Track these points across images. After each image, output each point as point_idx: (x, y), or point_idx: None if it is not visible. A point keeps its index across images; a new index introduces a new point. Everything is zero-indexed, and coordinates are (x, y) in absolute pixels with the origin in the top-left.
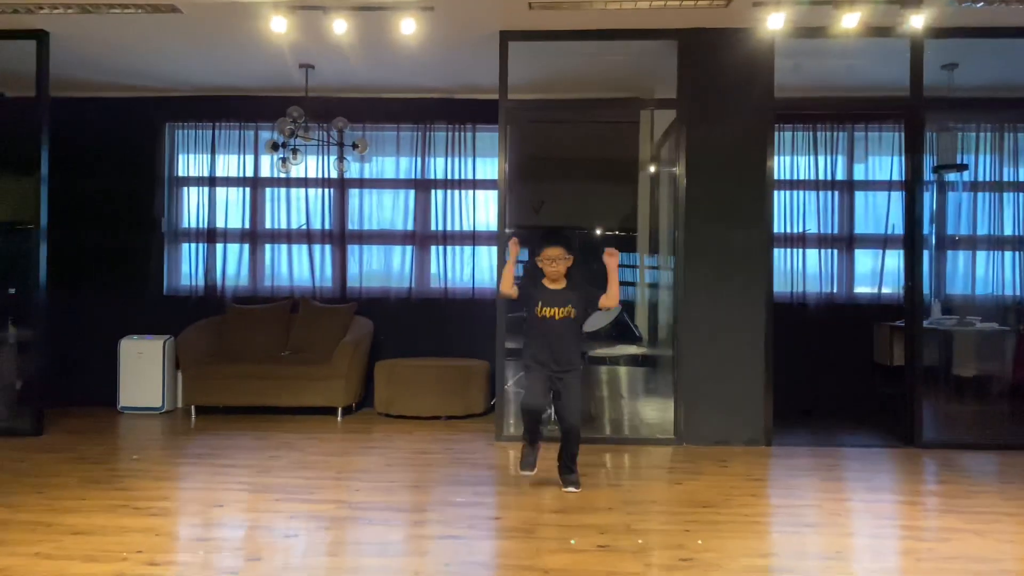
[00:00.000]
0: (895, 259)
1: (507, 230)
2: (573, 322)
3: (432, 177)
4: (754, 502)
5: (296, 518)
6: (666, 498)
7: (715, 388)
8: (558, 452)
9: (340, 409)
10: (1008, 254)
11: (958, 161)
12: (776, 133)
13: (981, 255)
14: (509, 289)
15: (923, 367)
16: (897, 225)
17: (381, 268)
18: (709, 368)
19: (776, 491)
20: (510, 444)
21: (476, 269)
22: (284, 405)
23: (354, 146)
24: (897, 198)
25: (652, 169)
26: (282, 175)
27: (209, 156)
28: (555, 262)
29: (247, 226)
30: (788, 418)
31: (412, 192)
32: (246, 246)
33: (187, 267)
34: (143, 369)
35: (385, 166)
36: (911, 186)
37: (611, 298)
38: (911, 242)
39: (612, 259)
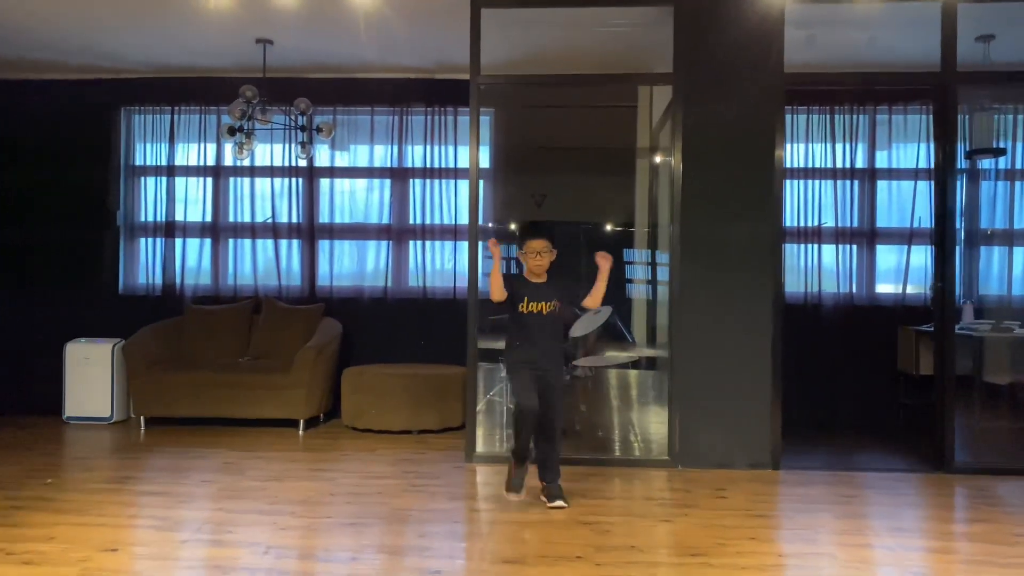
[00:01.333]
0: (921, 256)
1: (488, 224)
2: (558, 317)
3: (410, 165)
4: (754, 548)
5: (193, 568)
6: (649, 542)
7: (715, 402)
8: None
9: (301, 422)
10: None
11: (994, 145)
12: (789, 116)
13: (1019, 251)
14: (502, 295)
15: (954, 378)
16: (924, 218)
17: (354, 265)
18: (708, 379)
19: (783, 532)
20: (481, 465)
21: (459, 266)
22: (242, 417)
23: (318, 130)
24: (924, 188)
25: (650, 159)
26: (241, 163)
27: (167, 143)
28: (539, 255)
29: (209, 219)
30: (800, 434)
31: (388, 182)
32: (208, 241)
33: (144, 264)
34: (91, 375)
35: (358, 153)
36: (941, 174)
37: (595, 299)
38: (941, 237)
39: (605, 262)
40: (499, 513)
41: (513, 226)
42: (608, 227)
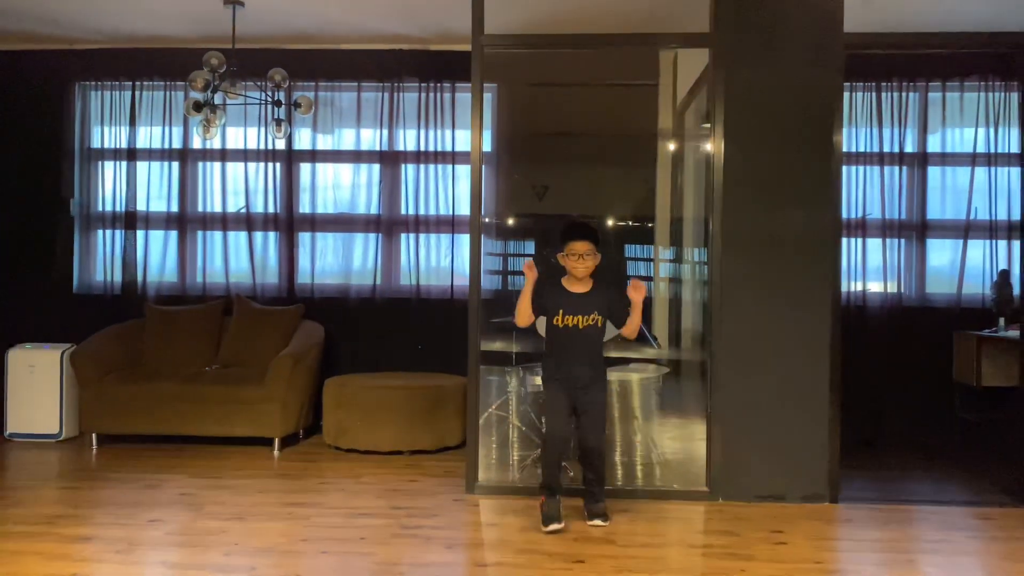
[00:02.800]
0: (979, 250)
1: (485, 219)
2: (599, 332)
3: (402, 148)
4: None
5: None
6: None
7: (762, 422)
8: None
9: (277, 441)
10: None
11: None
12: None
13: None
14: (527, 322)
15: None
16: (981, 208)
17: (338, 261)
18: (755, 397)
19: None
20: (485, 498)
21: (457, 262)
22: (209, 435)
23: (296, 105)
24: (981, 175)
25: (671, 146)
26: (210, 145)
27: (128, 123)
28: (583, 259)
29: (175, 209)
30: (846, 453)
31: (377, 167)
32: (173, 234)
33: (101, 259)
34: (37, 386)
35: (343, 135)
36: None
37: (632, 331)
38: None
39: (638, 294)
40: (511, 569)
41: (511, 221)
42: (623, 222)
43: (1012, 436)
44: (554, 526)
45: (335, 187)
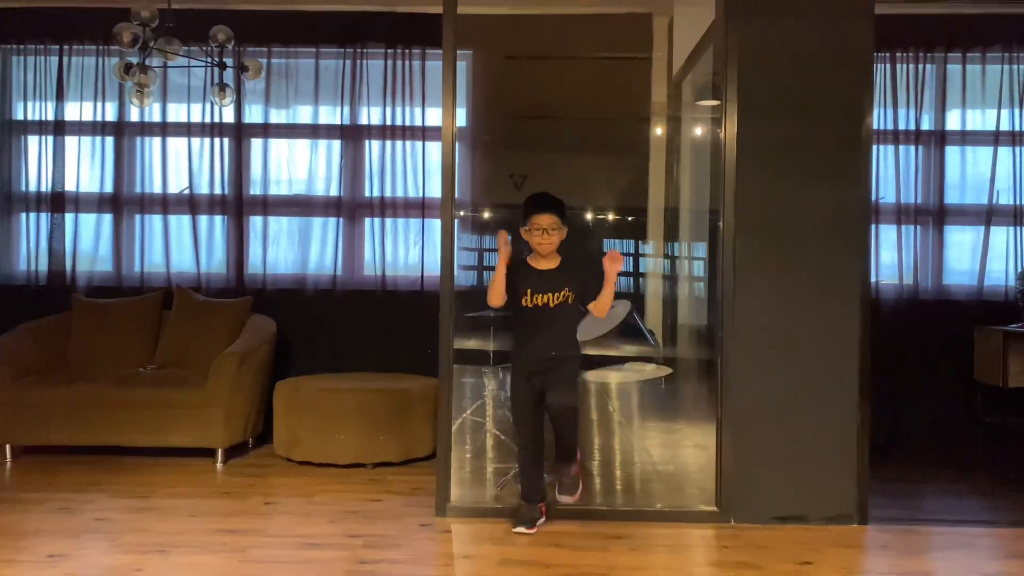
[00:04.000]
0: (1002, 238)
1: (460, 213)
2: (570, 310)
3: (366, 122)
4: None
5: None
6: None
7: (781, 433)
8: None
9: (220, 452)
10: None
11: None
12: None
13: None
14: (500, 301)
15: None
16: (1004, 192)
17: (294, 248)
18: (772, 402)
19: None
20: (458, 523)
21: (428, 250)
22: (142, 445)
23: (243, 69)
24: (1006, 155)
25: (666, 124)
26: (148, 116)
27: (55, 93)
28: (547, 233)
29: (109, 190)
30: None
31: (338, 143)
32: (107, 217)
33: (25, 245)
34: None
35: (300, 106)
36: None
37: (600, 307)
38: None
39: (614, 264)
40: None
41: (488, 214)
42: (612, 213)
43: None
44: (522, 529)
45: (290, 166)
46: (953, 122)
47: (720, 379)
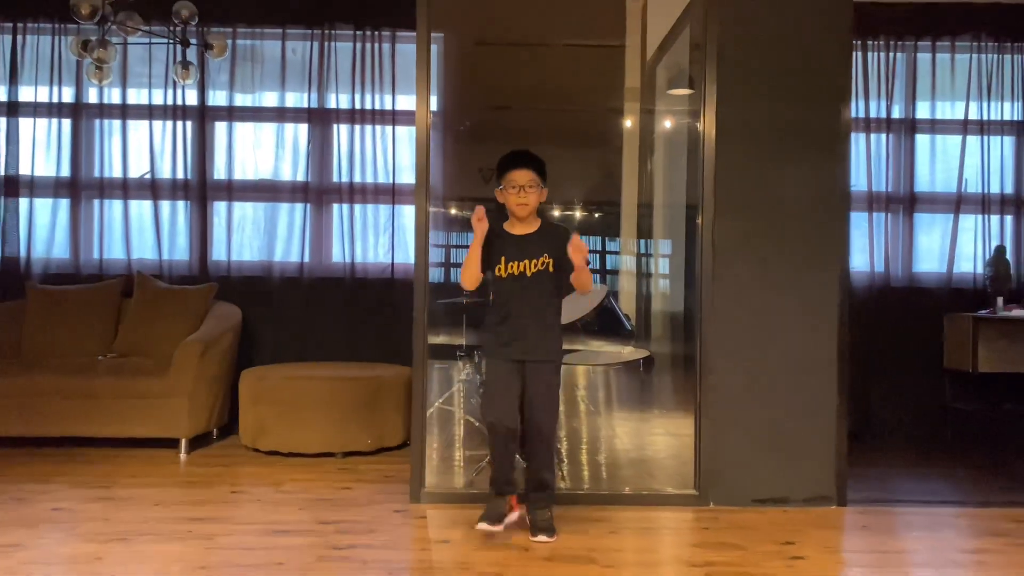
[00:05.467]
0: (971, 226)
1: (430, 208)
2: (550, 278)
3: (334, 106)
4: None
5: None
6: None
7: (760, 416)
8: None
9: (184, 442)
10: None
11: None
12: None
13: None
14: (475, 283)
15: None
16: (973, 180)
17: (259, 235)
18: (751, 385)
19: None
20: (433, 508)
21: (397, 236)
22: (101, 436)
23: (207, 47)
24: (974, 144)
25: (629, 123)
26: (107, 96)
27: (7, 72)
28: (524, 191)
29: (66, 174)
30: None
31: (304, 127)
32: (64, 202)
33: None
34: None
35: (265, 88)
36: None
37: (582, 284)
38: None
39: (579, 254)
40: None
41: (454, 211)
42: (582, 210)
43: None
44: (484, 526)
45: (256, 150)
46: (923, 111)
47: (699, 361)
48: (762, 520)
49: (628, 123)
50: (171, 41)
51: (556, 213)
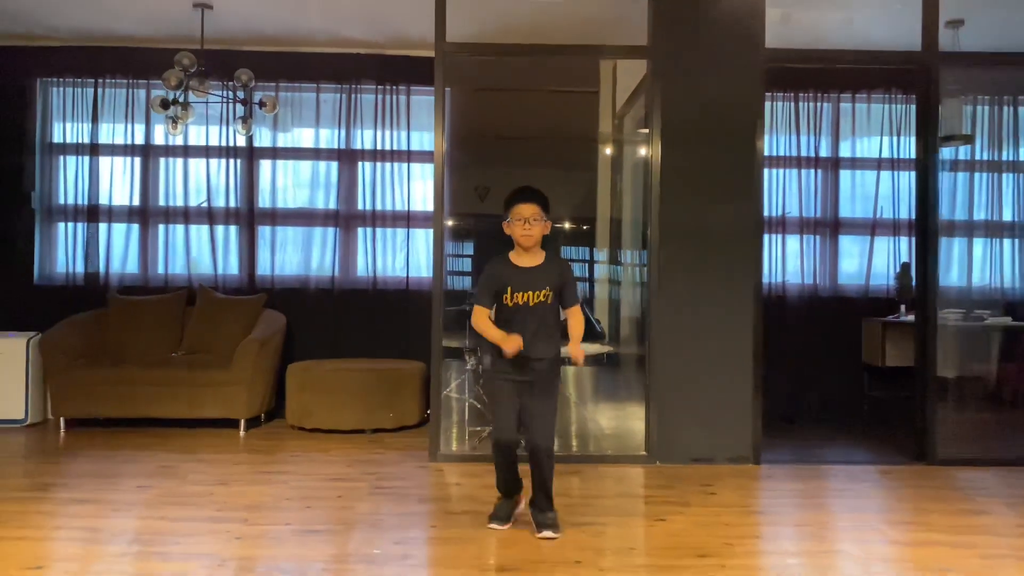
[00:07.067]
0: (884, 246)
1: (448, 221)
2: (550, 309)
3: (359, 147)
4: (763, 547)
5: None
6: (650, 543)
7: (695, 395)
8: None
9: (243, 422)
10: (1009, 241)
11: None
12: None
13: (978, 242)
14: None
15: (936, 368)
16: (886, 208)
17: (297, 254)
18: (688, 372)
19: (786, 530)
20: (447, 464)
21: (412, 255)
22: (175, 417)
23: (261, 104)
24: (887, 178)
25: (608, 151)
26: (173, 140)
27: (90, 120)
28: (529, 224)
29: (137, 203)
30: (768, 427)
31: (335, 164)
32: (135, 226)
33: (63, 251)
34: (2, 373)
35: (303, 133)
36: (923, 161)
37: (575, 342)
38: (924, 227)
39: (578, 355)
40: (480, 517)
41: (450, 221)
42: (566, 223)
43: (911, 409)
44: (495, 525)
45: (295, 183)
46: (845, 150)
47: (648, 354)
48: (694, 472)
49: (604, 153)
50: (230, 100)
51: (566, 225)
